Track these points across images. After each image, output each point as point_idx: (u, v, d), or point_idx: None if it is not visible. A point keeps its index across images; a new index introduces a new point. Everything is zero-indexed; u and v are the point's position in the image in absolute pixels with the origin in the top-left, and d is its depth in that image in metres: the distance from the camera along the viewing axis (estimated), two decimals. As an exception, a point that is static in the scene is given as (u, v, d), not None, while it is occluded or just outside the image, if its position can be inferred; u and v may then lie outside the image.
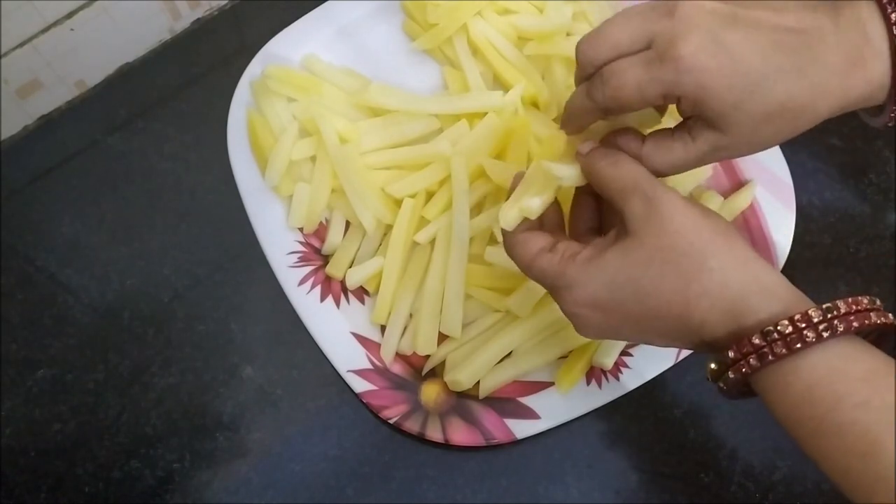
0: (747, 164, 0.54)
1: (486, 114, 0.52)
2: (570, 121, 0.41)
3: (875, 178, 0.56)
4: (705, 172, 0.53)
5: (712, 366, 0.36)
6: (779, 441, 0.49)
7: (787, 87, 0.35)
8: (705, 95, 0.35)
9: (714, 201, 0.52)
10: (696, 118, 0.37)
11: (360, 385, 0.49)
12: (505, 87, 0.55)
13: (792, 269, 0.52)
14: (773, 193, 0.53)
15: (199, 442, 0.49)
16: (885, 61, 0.36)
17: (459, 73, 0.55)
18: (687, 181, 0.53)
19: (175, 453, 0.49)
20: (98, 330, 0.52)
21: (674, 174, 0.39)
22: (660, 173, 0.39)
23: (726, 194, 0.53)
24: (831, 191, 0.56)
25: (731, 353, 0.35)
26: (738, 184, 0.54)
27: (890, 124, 0.39)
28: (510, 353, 0.49)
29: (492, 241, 0.50)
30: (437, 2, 0.56)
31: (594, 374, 0.49)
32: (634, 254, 0.36)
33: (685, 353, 0.49)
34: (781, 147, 0.54)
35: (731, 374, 0.35)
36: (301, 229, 0.52)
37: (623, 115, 0.40)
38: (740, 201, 0.53)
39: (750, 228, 0.53)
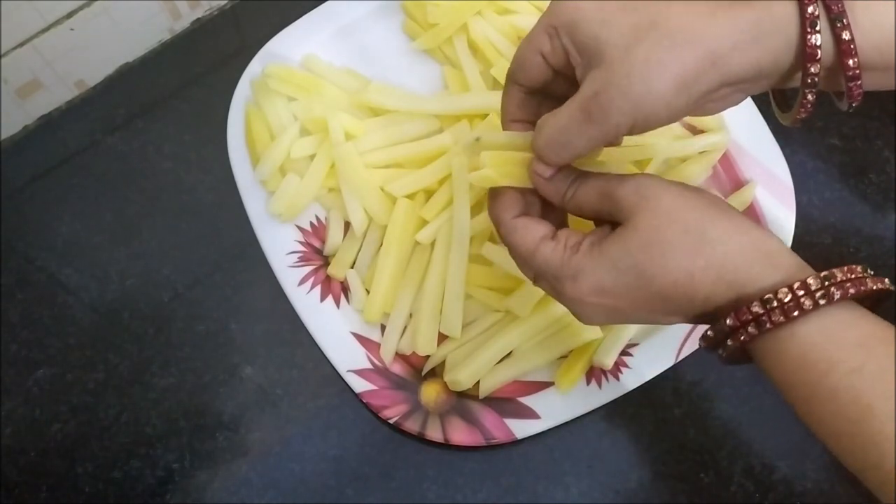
0: (747, 164, 0.54)
1: (486, 114, 0.52)
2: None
3: (875, 178, 0.56)
4: (705, 172, 0.53)
5: (709, 333, 0.36)
6: (779, 441, 0.49)
7: (663, 3, 0.35)
8: (577, 17, 0.36)
9: (714, 201, 0.52)
10: (581, 69, 0.37)
11: (360, 385, 0.49)
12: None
13: (792, 269, 0.52)
14: (773, 193, 0.53)
15: (199, 442, 0.49)
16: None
17: (459, 73, 0.55)
18: (688, 180, 0.53)
19: (175, 453, 0.49)
20: (98, 330, 0.52)
21: (575, 146, 0.37)
22: (557, 148, 0.38)
23: (726, 194, 0.53)
24: (831, 191, 0.56)
25: (728, 322, 0.35)
26: (738, 184, 0.54)
27: (803, 115, 0.37)
28: (510, 353, 0.49)
29: (492, 239, 0.50)
30: (437, 2, 0.56)
31: (594, 373, 0.49)
32: (632, 240, 0.36)
33: (685, 352, 0.49)
34: (781, 147, 0.54)
35: (729, 342, 0.35)
36: (301, 229, 0.52)
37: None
38: (740, 201, 0.53)
39: (750, 228, 0.53)
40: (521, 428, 0.48)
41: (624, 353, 0.49)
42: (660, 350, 0.50)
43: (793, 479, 0.48)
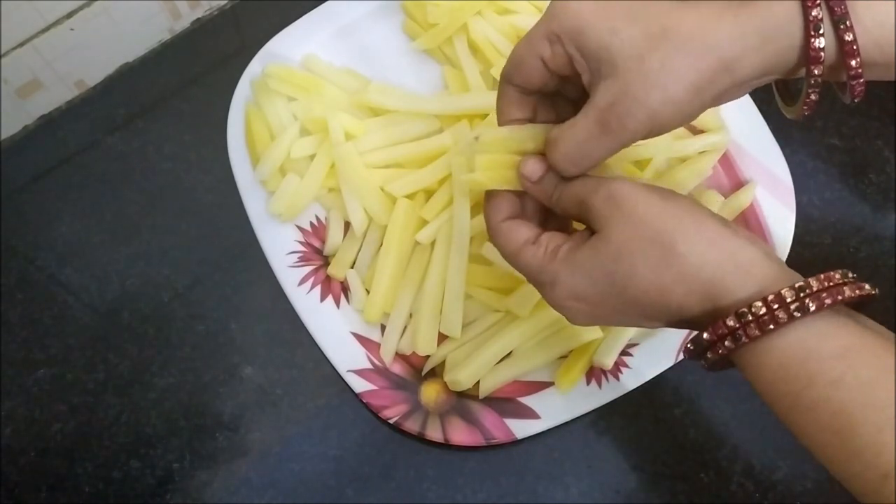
0: (747, 164, 0.54)
1: (486, 114, 0.52)
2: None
3: (875, 178, 0.56)
4: (705, 172, 0.53)
5: (689, 346, 0.36)
6: (779, 441, 0.49)
7: (667, 8, 0.35)
8: (582, 24, 0.36)
9: (714, 201, 0.52)
10: (589, 76, 0.37)
11: (360, 385, 0.49)
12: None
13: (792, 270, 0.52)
14: (773, 193, 0.53)
15: (199, 442, 0.49)
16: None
17: (459, 73, 0.55)
18: (687, 180, 0.53)
19: (175, 453, 0.49)
20: (98, 330, 0.52)
21: (593, 158, 0.37)
22: (575, 160, 0.38)
23: (726, 194, 0.53)
24: (831, 191, 0.56)
25: (706, 336, 0.35)
26: (738, 184, 0.54)
27: (806, 111, 0.37)
28: (510, 353, 0.49)
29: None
30: (437, 2, 0.56)
31: (594, 373, 0.49)
32: (603, 250, 0.36)
33: (685, 353, 0.49)
34: (781, 147, 0.54)
35: (709, 355, 0.36)
36: (301, 229, 0.52)
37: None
38: (740, 201, 0.53)
39: (750, 229, 0.53)
40: (521, 428, 0.48)
41: (624, 353, 0.49)
42: (660, 350, 0.50)
43: (793, 479, 0.48)
